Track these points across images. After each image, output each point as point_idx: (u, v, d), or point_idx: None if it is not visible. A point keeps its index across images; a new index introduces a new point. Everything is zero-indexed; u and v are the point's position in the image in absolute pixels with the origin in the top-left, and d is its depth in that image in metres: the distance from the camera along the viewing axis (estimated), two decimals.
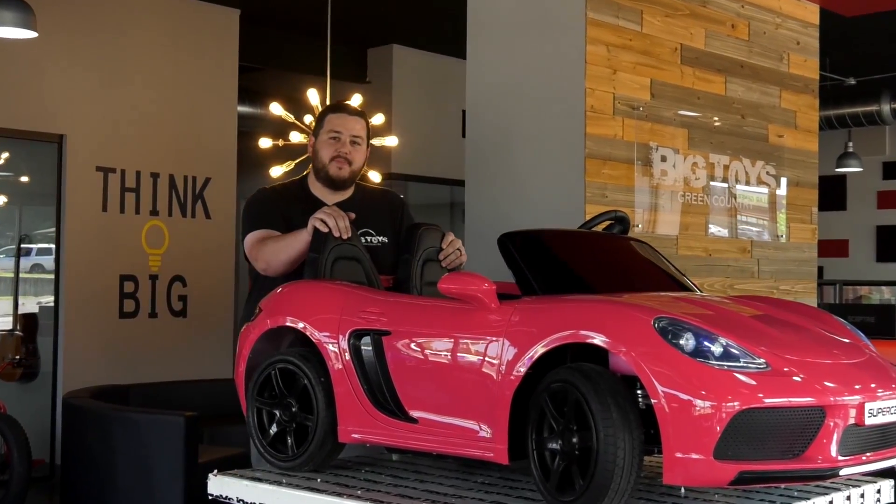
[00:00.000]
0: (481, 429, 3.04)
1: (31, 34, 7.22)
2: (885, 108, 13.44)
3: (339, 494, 3.15)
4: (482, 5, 5.77)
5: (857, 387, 2.87)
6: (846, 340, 3.18)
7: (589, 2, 5.32)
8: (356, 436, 3.35)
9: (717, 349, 2.77)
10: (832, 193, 17.13)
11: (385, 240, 4.10)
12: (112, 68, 9.28)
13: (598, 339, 2.81)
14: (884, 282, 15.07)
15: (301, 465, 3.43)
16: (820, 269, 15.68)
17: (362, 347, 3.35)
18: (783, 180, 6.58)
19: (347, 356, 3.36)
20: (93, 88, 9.06)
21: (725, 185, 6.18)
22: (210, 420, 7.63)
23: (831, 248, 16.90)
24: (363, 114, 4.32)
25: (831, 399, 2.77)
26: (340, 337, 3.36)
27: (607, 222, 3.81)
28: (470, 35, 5.78)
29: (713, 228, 6.11)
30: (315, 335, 3.41)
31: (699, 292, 3.54)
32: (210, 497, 3.50)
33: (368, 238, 4.03)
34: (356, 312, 3.37)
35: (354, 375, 3.35)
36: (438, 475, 3.46)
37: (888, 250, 17.12)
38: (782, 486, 3.21)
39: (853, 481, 3.36)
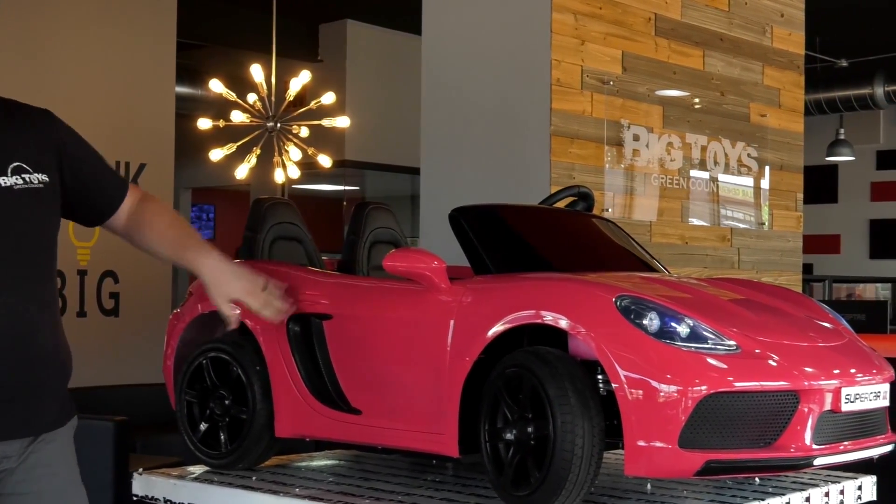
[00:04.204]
0: (429, 420, 3.05)
1: None
2: (879, 91, 13.58)
3: (275, 493, 3.15)
4: None
5: (834, 371, 2.90)
6: (826, 324, 3.21)
7: None
8: (295, 429, 3.34)
9: (683, 330, 2.79)
10: (823, 185, 17.32)
11: (46, 178, 2.76)
12: (35, 44, 9.20)
13: (555, 320, 2.82)
14: (875, 278, 15.23)
15: (235, 462, 3.42)
16: (810, 266, 15.84)
17: (302, 333, 3.35)
18: (766, 163, 6.64)
19: (285, 343, 3.35)
20: (13, 66, 8.97)
21: (703, 167, 6.22)
22: (144, 428, 7.58)
23: (822, 243, 17.07)
24: None
25: (805, 383, 2.80)
26: (278, 322, 3.35)
27: (570, 199, 3.83)
28: (426, 2, 5.79)
29: (690, 214, 6.15)
30: (250, 320, 3.40)
31: (668, 273, 3.57)
32: (135, 498, 3.48)
33: (25, 177, 2.73)
34: (295, 295, 3.36)
35: (293, 364, 3.34)
36: (386, 473, 3.47)
37: (882, 246, 17.29)
38: (756, 478, 3.24)
39: (832, 477, 3.39)
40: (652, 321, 2.78)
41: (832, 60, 13.76)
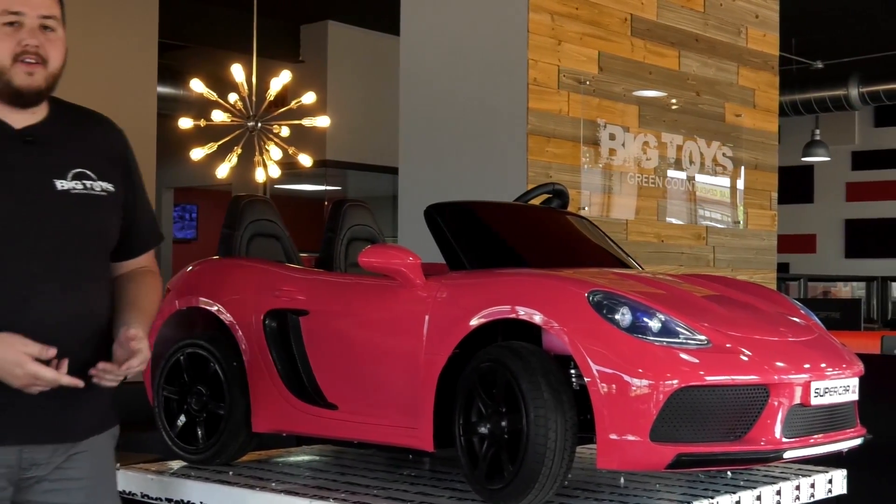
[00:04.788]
0: (405, 414, 3.05)
1: None
2: (854, 92, 13.65)
3: (252, 487, 3.15)
4: None
5: (804, 365, 2.91)
6: (797, 320, 3.22)
7: None
8: (271, 424, 3.34)
9: (655, 325, 2.79)
10: (799, 185, 17.39)
11: (111, 188, 2.75)
12: None
13: (529, 315, 2.83)
14: (850, 277, 15.31)
15: (213, 457, 3.41)
16: (786, 265, 15.91)
17: (278, 329, 3.34)
18: (741, 163, 6.67)
19: (262, 339, 3.35)
20: None
21: (679, 166, 6.24)
22: (123, 426, 7.54)
23: (798, 242, 17.15)
24: None
25: (776, 377, 2.81)
26: (255, 318, 3.35)
27: (545, 196, 3.83)
28: (404, 3, 5.79)
29: (668, 213, 6.17)
30: (227, 316, 3.39)
31: (641, 269, 3.58)
32: None
33: (86, 183, 2.72)
34: (272, 291, 3.36)
35: (270, 359, 3.34)
36: (363, 468, 3.47)
37: (857, 245, 17.38)
38: (727, 471, 3.25)
39: (803, 471, 3.41)
40: (624, 316, 2.79)
41: (808, 62, 13.82)
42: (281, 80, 9.59)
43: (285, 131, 9.98)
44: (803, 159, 15.65)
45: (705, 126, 6.41)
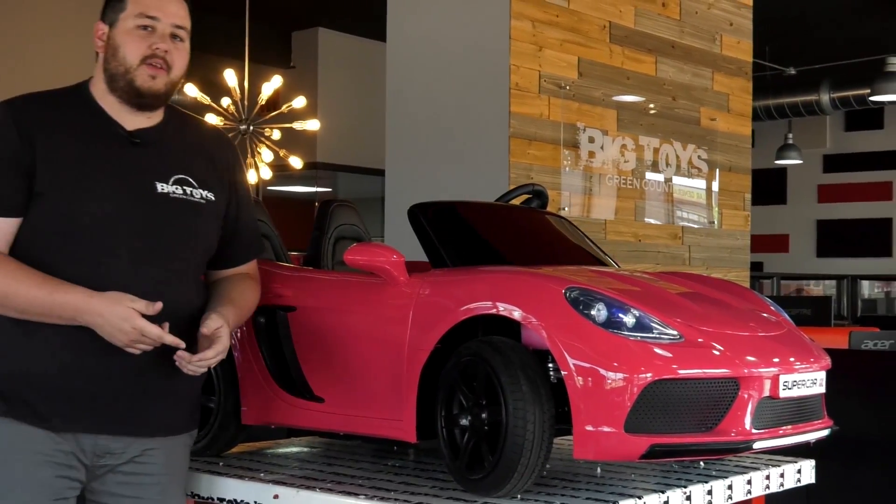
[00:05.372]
0: (389, 407, 3.04)
1: None
2: (825, 97, 13.71)
3: (241, 477, 3.14)
4: None
5: (773, 359, 2.91)
6: (767, 316, 3.23)
7: None
8: (260, 417, 3.33)
9: (629, 320, 2.79)
10: (772, 187, 17.45)
11: (211, 196, 2.78)
12: (15, 49, 9.12)
13: (508, 311, 2.83)
14: (820, 275, 15.38)
15: (203, 449, 3.40)
16: (760, 264, 15.96)
17: (267, 324, 3.34)
18: (716, 165, 6.68)
19: (251, 334, 3.34)
20: None
21: (656, 168, 6.25)
22: None
23: (771, 242, 17.20)
24: None
25: (745, 371, 2.81)
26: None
27: (525, 196, 3.83)
28: (390, 11, 5.79)
29: (646, 214, 6.18)
30: None
31: (618, 267, 3.58)
32: None
33: (186, 189, 2.73)
34: (262, 288, 3.34)
35: (259, 354, 3.33)
36: (349, 459, 3.46)
37: (829, 245, 17.45)
38: (700, 462, 3.26)
39: (773, 461, 3.41)
40: (599, 312, 2.78)
41: (781, 68, 13.86)
42: (272, 84, 9.58)
43: (276, 134, 9.97)
44: (777, 162, 15.70)
45: (681, 130, 6.42)
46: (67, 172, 2.58)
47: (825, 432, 3.08)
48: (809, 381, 2.96)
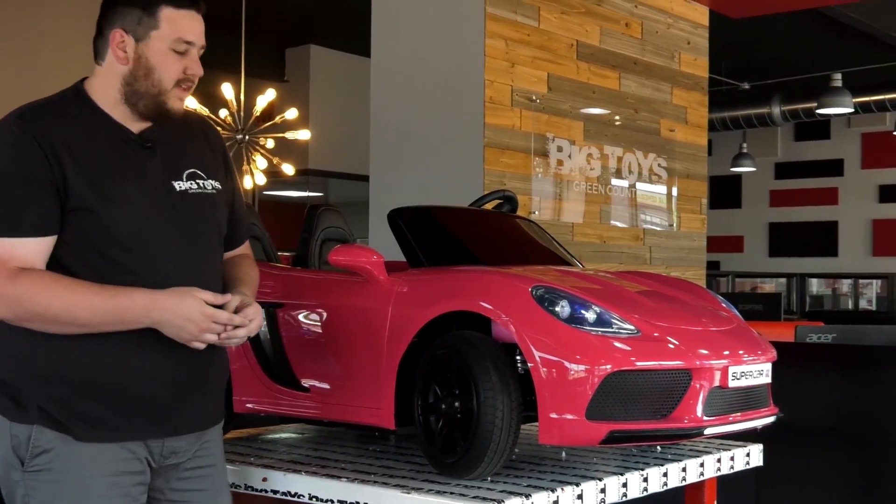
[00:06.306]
0: (369, 396, 3.04)
1: None
2: (776, 110, 13.77)
3: (232, 462, 3.12)
4: (385, 1, 5.77)
5: (724, 352, 2.92)
6: (718, 312, 3.23)
7: None
8: (250, 405, 3.32)
9: (590, 316, 2.79)
10: (728, 192, 17.52)
11: (218, 185, 2.66)
12: (24, 56, 9.06)
13: (479, 307, 2.82)
14: (772, 273, 15.44)
15: None
16: (717, 263, 16.01)
17: None
18: (674, 173, 6.70)
19: None
20: (2, 73, 8.83)
21: (619, 175, 6.26)
22: None
23: (727, 243, 17.26)
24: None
25: (697, 363, 2.81)
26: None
27: (496, 201, 3.83)
28: (374, 29, 5.78)
29: (608, 217, 6.19)
30: None
31: (582, 267, 3.58)
32: None
33: (199, 182, 2.61)
34: None
35: (249, 347, 3.32)
36: (334, 444, 3.45)
37: (780, 246, 17.53)
38: (657, 446, 3.26)
39: (724, 445, 3.42)
40: (563, 308, 2.78)
41: (736, 83, 13.91)
42: (267, 97, 9.55)
43: (271, 143, 9.95)
44: (732, 169, 15.76)
45: (643, 140, 6.43)
46: (95, 184, 2.39)
47: (771, 419, 3.08)
48: (756, 371, 2.97)
